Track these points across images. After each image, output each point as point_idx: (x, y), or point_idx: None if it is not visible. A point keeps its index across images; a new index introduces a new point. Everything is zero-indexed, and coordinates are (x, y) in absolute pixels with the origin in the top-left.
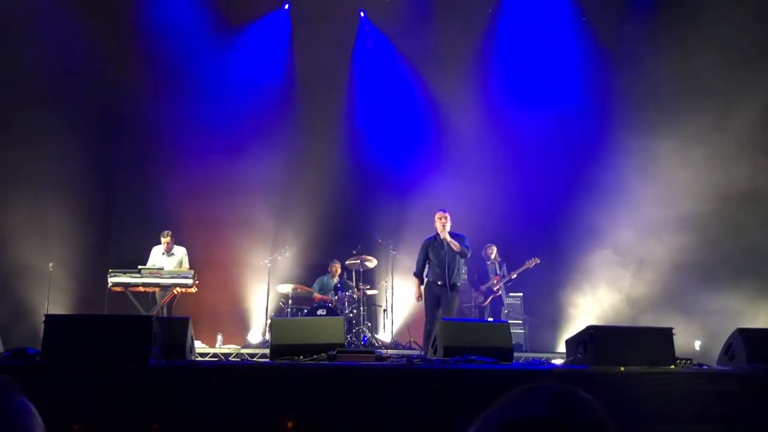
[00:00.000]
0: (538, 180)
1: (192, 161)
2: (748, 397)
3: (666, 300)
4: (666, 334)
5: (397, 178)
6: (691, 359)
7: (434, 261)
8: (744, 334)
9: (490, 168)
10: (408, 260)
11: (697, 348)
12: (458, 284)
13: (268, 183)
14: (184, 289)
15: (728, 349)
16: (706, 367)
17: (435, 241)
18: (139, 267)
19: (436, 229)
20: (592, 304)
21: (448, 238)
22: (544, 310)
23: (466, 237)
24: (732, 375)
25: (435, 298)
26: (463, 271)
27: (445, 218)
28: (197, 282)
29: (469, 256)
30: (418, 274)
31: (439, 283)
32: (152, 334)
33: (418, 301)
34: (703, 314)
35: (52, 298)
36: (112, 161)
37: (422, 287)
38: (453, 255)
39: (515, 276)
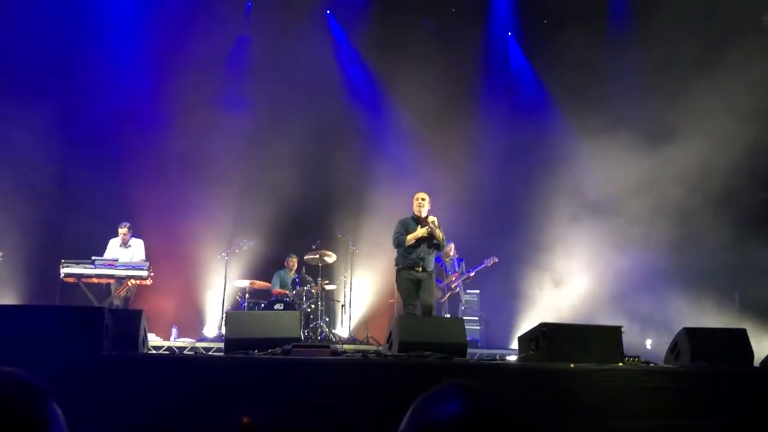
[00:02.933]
0: (495, 179)
1: (149, 153)
2: (689, 394)
3: (621, 300)
4: (615, 333)
5: (356, 174)
6: (638, 357)
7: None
8: (689, 333)
9: (450, 166)
10: (367, 256)
11: (648, 347)
12: (430, 269)
13: (225, 176)
14: (139, 281)
15: (674, 348)
16: (652, 364)
17: (413, 221)
18: (93, 258)
19: (413, 210)
20: (547, 303)
21: (436, 227)
22: (501, 307)
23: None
24: (675, 372)
25: (412, 285)
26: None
27: (425, 201)
28: (152, 274)
29: (444, 250)
30: (404, 236)
31: (418, 269)
32: (104, 326)
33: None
34: (656, 314)
35: (1, 289)
36: (65, 148)
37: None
38: (429, 240)
39: (473, 274)
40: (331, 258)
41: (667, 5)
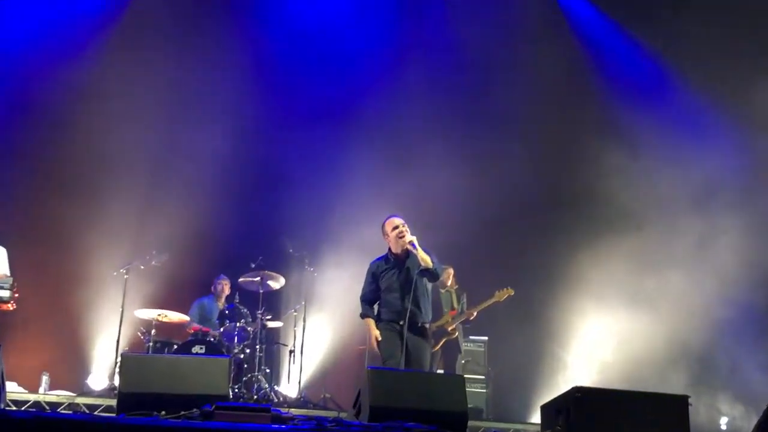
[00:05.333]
0: (510, 187)
1: (20, 126)
2: None
3: (687, 357)
4: (679, 405)
5: (317, 168)
6: None
7: (387, 292)
8: None
9: (448, 157)
10: (329, 281)
11: (723, 426)
12: (426, 324)
13: (127, 162)
14: None
15: (764, 429)
16: None
17: (386, 262)
18: None
19: (389, 246)
20: (582, 357)
21: (419, 249)
22: (517, 362)
23: (431, 252)
24: None
25: (397, 337)
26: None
27: (404, 227)
28: (17, 296)
29: (440, 278)
30: (368, 314)
31: (401, 323)
32: None
33: (377, 348)
34: (737, 381)
35: None
36: None
37: (377, 330)
38: (412, 279)
39: (476, 313)
40: (277, 282)
41: None
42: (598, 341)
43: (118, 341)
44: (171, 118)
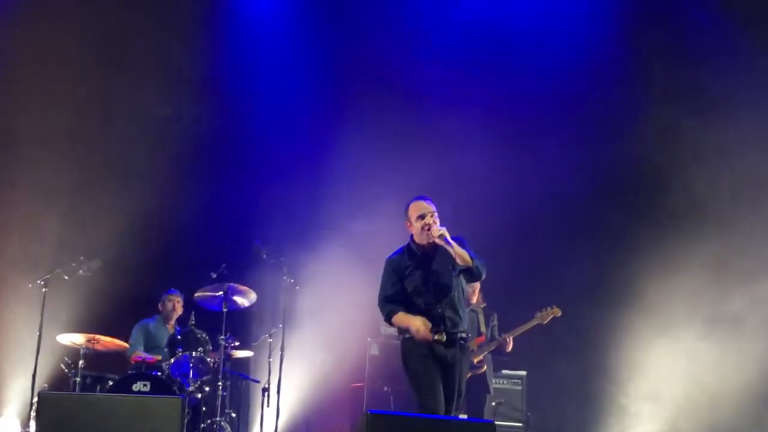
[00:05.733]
0: (560, 170)
1: None
2: None
3: None
4: None
5: (301, 147)
6: None
7: (414, 295)
8: None
9: (473, 138)
10: (313, 297)
11: None
12: (465, 335)
13: (43, 138)
14: None
15: None
16: None
17: (410, 257)
18: None
19: (413, 236)
20: (644, 399)
21: (454, 244)
22: (562, 405)
23: (466, 243)
24: None
25: (435, 364)
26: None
27: (433, 217)
28: None
29: (483, 276)
30: (396, 309)
31: (436, 337)
32: None
33: (427, 338)
34: None
35: None
36: None
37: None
38: (449, 277)
39: (511, 341)
40: (246, 299)
41: None
42: (668, 377)
43: (34, 375)
44: (100, 78)
